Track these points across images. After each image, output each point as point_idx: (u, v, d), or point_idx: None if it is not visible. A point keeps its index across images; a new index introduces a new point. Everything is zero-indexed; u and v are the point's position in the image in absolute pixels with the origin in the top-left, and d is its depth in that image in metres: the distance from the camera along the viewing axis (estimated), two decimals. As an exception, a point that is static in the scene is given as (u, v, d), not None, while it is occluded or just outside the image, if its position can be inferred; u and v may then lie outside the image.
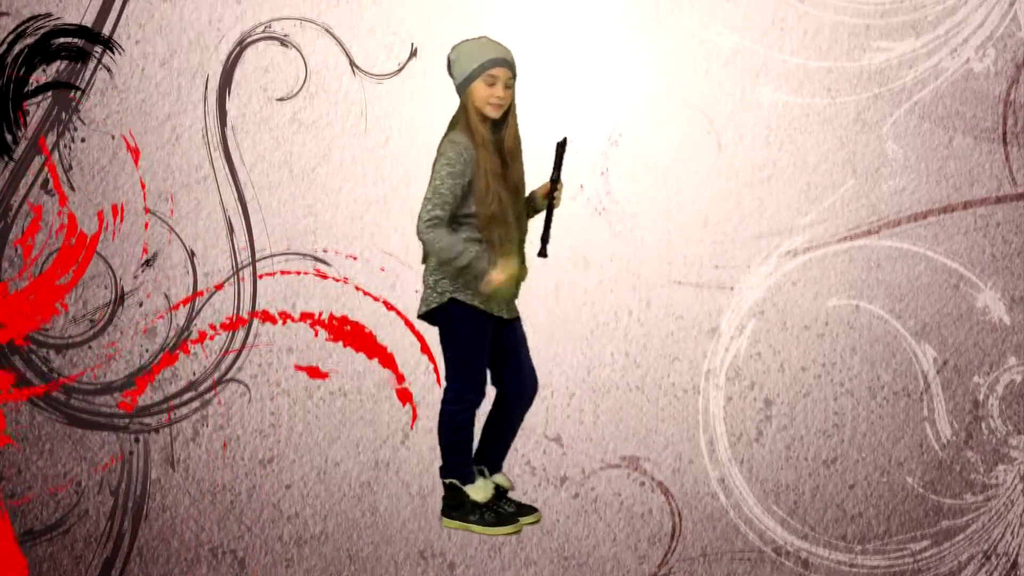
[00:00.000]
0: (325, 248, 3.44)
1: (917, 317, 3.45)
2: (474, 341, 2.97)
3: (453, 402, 3.00)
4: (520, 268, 2.93)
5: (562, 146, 2.91)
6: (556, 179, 2.93)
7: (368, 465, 3.40)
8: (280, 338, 3.43)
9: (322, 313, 3.41)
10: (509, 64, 2.87)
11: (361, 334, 3.41)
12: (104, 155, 3.41)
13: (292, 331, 3.43)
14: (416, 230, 2.85)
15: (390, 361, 3.44)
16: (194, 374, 3.42)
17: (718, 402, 3.43)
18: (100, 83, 3.40)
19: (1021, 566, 3.41)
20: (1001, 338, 3.45)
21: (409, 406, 3.44)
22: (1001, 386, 3.44)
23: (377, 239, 3.45)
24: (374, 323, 3.43)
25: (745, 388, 3.44)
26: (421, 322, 3.39)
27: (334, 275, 3.44)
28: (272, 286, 3.43)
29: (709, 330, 3.45)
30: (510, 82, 2.88)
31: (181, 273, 3.42)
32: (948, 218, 3.46)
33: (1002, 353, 3.45)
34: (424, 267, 2.98)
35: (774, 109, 3.46)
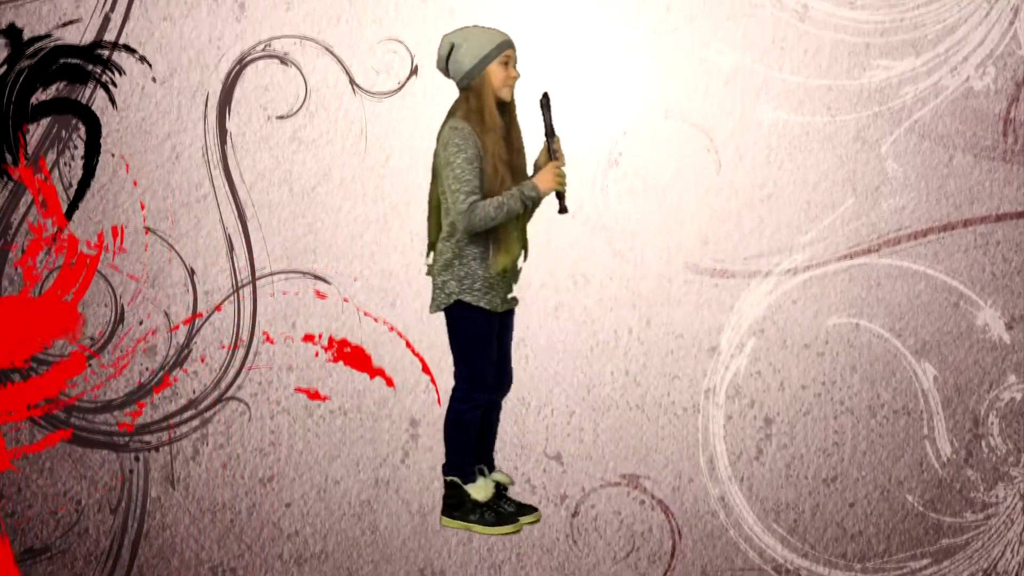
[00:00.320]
0: (325, 266, 3.45)
1: (917, 335, 3.45)
2: (480, 340, 3.01)
3: (461, 400, 3.05)
4: (524, 250, 3.03)
5: (546, 101, 2.97)
6: (551, 134, 2.98)
7: (368, 483, 3.40)
8: (280, 356, 3.43)
9: (322, 335, 3.41)
10: (514, 45, 2.98)
11: (361, 356, 3.41)
12: (104, 174, 3.41)
13: (292, 349, 3.43)
14: (463, 226, 2.90)
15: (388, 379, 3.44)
16: (194, 392, 3.42)
17: (718, 420, 3.43)
18: (100, 102, 3.40)
19: (1021, 584, 3.42)
20: (1001, 356, 3.45)
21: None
22: (1001, 404, 3.44)
23: (377, 258, 3.45)
24: (374, 341, 3.43)
25: (745, 406, 3.44)
26: (421, 341, 3.42)
27: (334, 294, 3.44)
28: (272, 304, 3.43)
29: (709, 348, 3.45)
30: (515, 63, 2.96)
31: (181, 291, 3.42)
32: (948, 236, 3.46)
33: (1002, 371, 3.45)
34: (432, 268, 3.04)
35: (774, 127, 3.46)
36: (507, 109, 2.99)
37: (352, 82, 3.46)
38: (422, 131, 3.32)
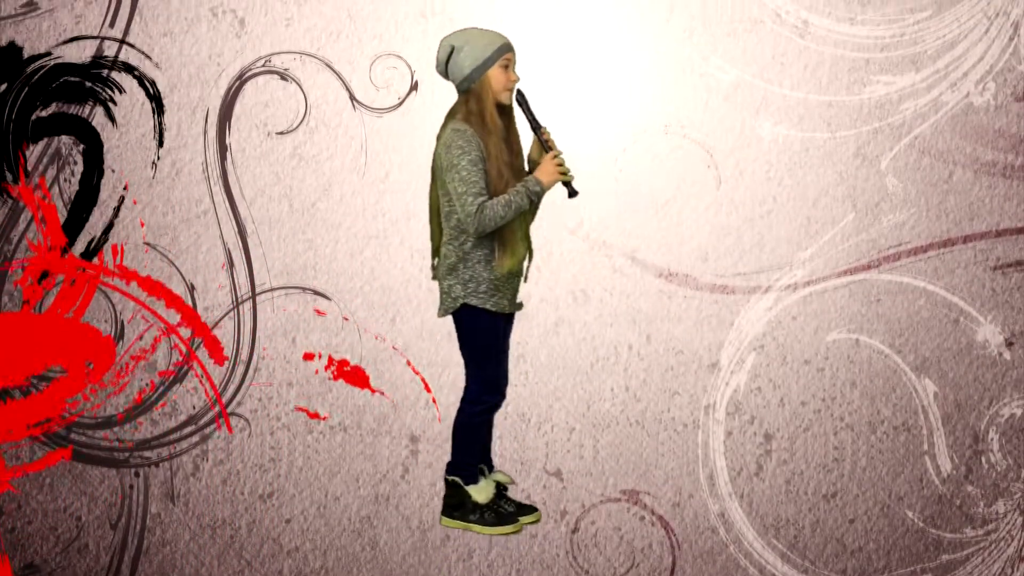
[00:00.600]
0: (325, 282, 3.45)
1: (917, 351, 3.45)
2: (488, 343, 3.02)
3: (472, 403, 3.05)
4: (528, 250, 3.04)
5: (522, 98, 2.98)
6: (536, 127, 3.00)
7: (368, 500, 3.40)
8: (280, 372, 3.43)
9: (321, 354, 3.41)
10: (513, 48, 2.99)
11: (361, 375, 3.40)
12: (104, 190, 3.40)
13: (292, 365, 3.43)
14: (473, 228, 2.90)
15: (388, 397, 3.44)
16: (194, 408, 3.42)
17: (718, 436, 3.43)
18: (99, 118, 3.40)
19: (1021, 600, 3.42)
20: (1001, 372, 3.45)
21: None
22: (1001, 420, 3.44)
23: (377, 274, 3.45)
24: (374, 357, 3.43)
25: (745, 422, 3.44)
26: (421, 358, 3.42)
27: (334, 310, 3.44)
28: (272, 320, 3.43)
29: (709, 364, 3.45)
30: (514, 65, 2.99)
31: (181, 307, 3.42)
32: (948, 252, 3.46)
33: (1002, 387, 3.45)
34: (437, 272, 3.05)
35: (774, 143, 3.46)
36: (506, 111, 2.99)
37: (352, 98, 3.46)
38: (422, 147, 3.32)
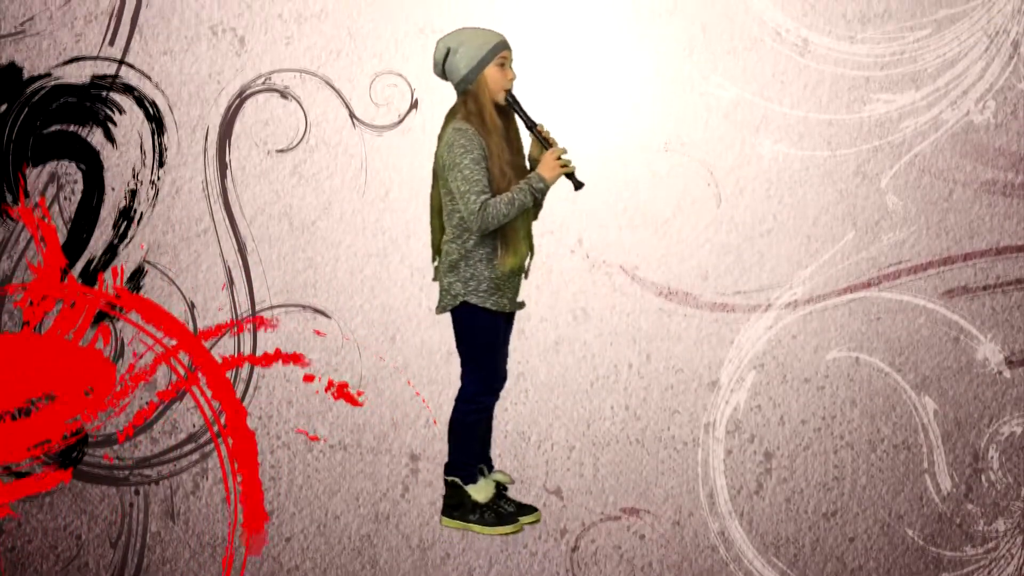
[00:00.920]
0: (325, 300, 3.45)
1: (917, 370, 3.45)
2: (486, 342, 3.02)
3: (467, 402, 3.05)
4: (530, 249, 3.03)
5: (512, 99, 2.96)
6: (532, 125, 2.99)
7: (368, 518, 3.40)
8: (280, 390, 3.43)
9: (321, 377, 3.41)
10: (509, 46, 2.97)
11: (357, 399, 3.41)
12: (104, 209, 3.40)
13: (292, 383, 3.43)
14: (476, 226, 2.89)
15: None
16: (194, 426, 3.42)
17: (718, 455, 3.43)
18: (99, 139, 3.40)
19: (1021, 619, 3.42)
20: (1001, 391, 3.45)
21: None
22: (1001, 439, 3.44)
23: (377, 292, 3.45)
24: (374, 375, 3.43)
25: (745, 441, 3.44)
26: (421, 375, 3.41)
27: (334, 328, 3.44)
28: (272, 338, 3.43)
29: (709, 383, 3.45)
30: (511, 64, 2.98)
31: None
32: (948, 270, 3.46)
33: (1002, 406, 3.45)
34: (438, 271, 3.04)
35: (774, 162, 3.46)
36: (505, 110, 2.99)
37: (352, 116, 3.46)
38: (422, 165, 3.32)
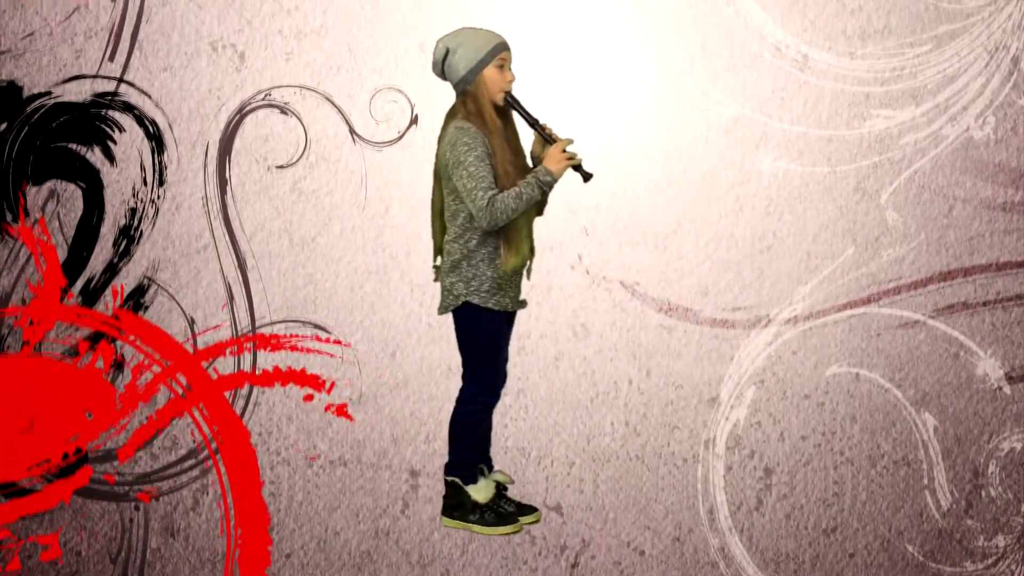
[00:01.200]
0: (325, 317, 3.45)
1: (917, 386, 3.45)
2: (488, 342, 3.01)
3: (467, 402, 3.04)
4: (531, 249, 3.02)
5: (512, 99, 2.95)
6: (534, 122, 2.98)
7: (368, 534, 3.40)
8: (280, 407, 3.43)
9: (322, 400, 3.41)
10: (509, 47, 2.96)
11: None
12: (105, 226, 3.40)
13: (292, 399, 3.43)
14: (485, 222, 2.88)
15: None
16: (194, 442, 3.42)
17: (718, 471, 3.43)
18: (99, 157, 3.40)
19: (1021, 635, 3.42)
20: (1001, 407, 3.45)
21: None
22: (1001, 455, 3.44)
23: (377, 308, 3.45)
24: (374, 392, 3.43)
25: (745, 457, 3.44)
26: (421, 392, 3.40)
27: (334, 342, 3.44)
28: (272, 354, 3.43)
29: (709, 399, 3.45)
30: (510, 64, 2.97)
31: (181, 341, 3.42)
32: (948, 286, 3.46)
33: (1002, 422, 3.45)
34: (439, 271, 3.03)
35: (774, 178, 3.46)
36: (504, 111, 2.98)
37: (352, 132, 3.46)
38: (423, 181, 3.32)
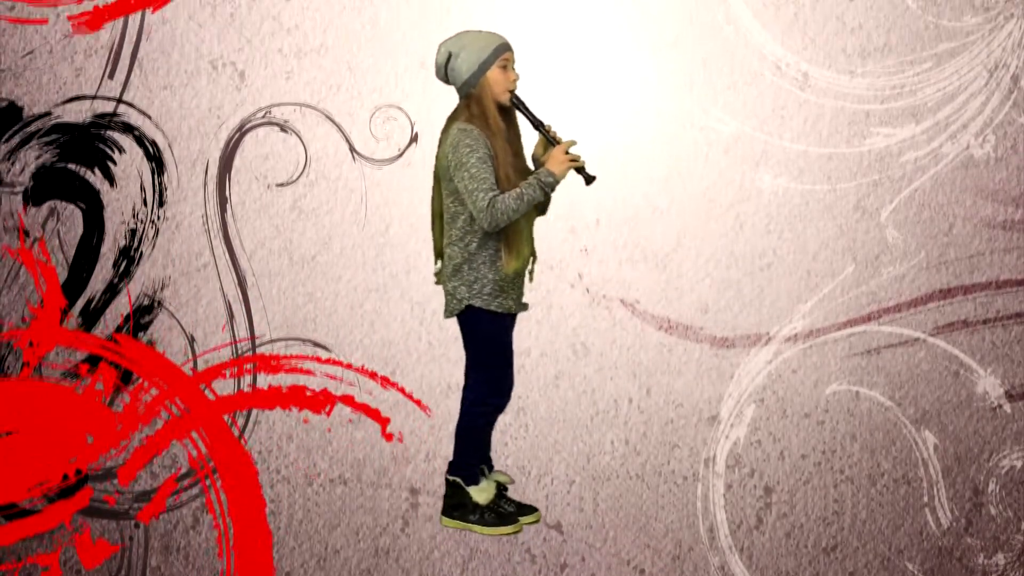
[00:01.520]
0: (325, 335, 3.45)
1: (917, 404, 3.45)
2: (493, 344, 3.02)
3: (474, 404, 3.05)
4: (532, 252, 3.02)
5: (517, 101, 2.95)
6: (539, 124, 2.99)
7: (368, 553, 3.40)
8: (280, 425, 3.43)
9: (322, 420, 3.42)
10: (511, 48, 2.96)
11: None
12: (105, 247, 3.40)
13: (292, 418, 3.43)
14: (487, 223, 2.88)
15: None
16: (192, 466, 3.42)
17: (718, 489, 3.43)
18: (99, 178, 3.40)
19: (1021, 653, 3.42)
20: (1001, 425, 3.45)
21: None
22: (1001, 472, 3.44)
23: (377, 327, 3.45)
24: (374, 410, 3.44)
25: (745, 475, 3.44)
26: (421, 412, 3.39)
27: (335, 359, 3.44)
28: (272, 376, 3.44)
29: (709, 417, 3.45)
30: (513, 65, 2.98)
31: (181, 360, 3.42)
32: (948, 304, 3.46)
33: (1002, 440, 3.45)
34: (441, 276, 3.03)
35: (774, 196, 3.46)
36: (508, 113, 2.99)
37: (352, 149, 3.46)
38: (423, 199, 3.33)
